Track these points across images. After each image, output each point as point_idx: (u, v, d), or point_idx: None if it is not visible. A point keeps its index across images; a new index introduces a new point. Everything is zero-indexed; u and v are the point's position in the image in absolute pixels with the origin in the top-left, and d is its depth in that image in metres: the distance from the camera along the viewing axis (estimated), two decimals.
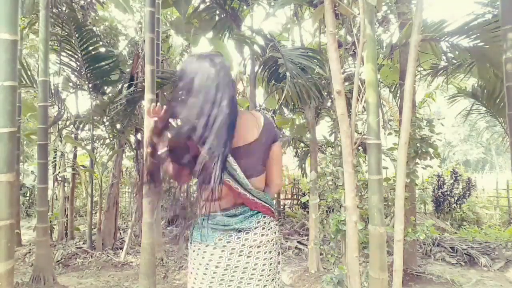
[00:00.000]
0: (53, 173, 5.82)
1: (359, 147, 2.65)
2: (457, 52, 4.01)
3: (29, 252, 4.94)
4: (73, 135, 5.82)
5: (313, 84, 3.50)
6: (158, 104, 1.32)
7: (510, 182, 7.95)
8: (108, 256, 4.94)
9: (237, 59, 6.68)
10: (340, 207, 2.75)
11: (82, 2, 5.44)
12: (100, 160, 5.83)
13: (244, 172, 1.31)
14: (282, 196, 9.29)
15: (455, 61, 4.51)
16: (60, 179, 5.89)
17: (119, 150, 5.58)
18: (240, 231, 1.34)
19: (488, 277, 4.31)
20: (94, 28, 5.50)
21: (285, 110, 6.03)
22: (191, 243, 1.40)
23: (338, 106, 2.05)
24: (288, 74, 3.06)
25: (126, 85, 5.35)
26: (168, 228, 7.10)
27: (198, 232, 1.37)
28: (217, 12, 5.01)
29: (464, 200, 7.60)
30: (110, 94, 5.57)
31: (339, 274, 2.54)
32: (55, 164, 5.75)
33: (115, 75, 5.42)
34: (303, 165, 6.80)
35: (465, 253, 4.90)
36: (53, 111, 5.68)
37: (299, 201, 9.03)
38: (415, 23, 1.99)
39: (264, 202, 1.39)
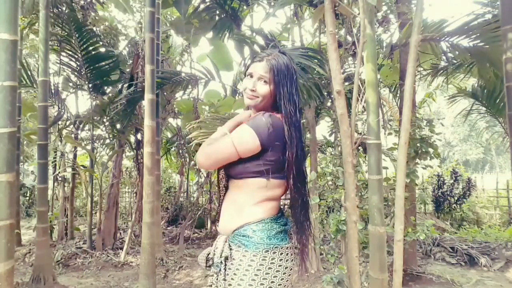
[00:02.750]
0: (53, 173, 5.83)
1: (359, 147, 2.65)
2: (457, 52, 4.01)
3: (29, 252, 4.94)
4: (73, 135, 5.82)
5: (313, 84, 3.50)
6: None
7: (510, 182, 7.95)
8: (108, 256, 4.95)
9: (237, 59, 6.68)
10: (340, 207, 2.75)
11: (82, 2, 5.44)
12: (100, 160, 5.83)
13: None
14: (282, 196, 9.28)
15: (455, 61, 4.50)
16: (60, 179, 5.89)
17: (119, 150, 5.58)
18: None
19: (488, 277, 4.31)
20: (94, 28, 5.50)
21: None
22: (270, 249, 1.24)
23: (338, 106, 2.05)
24: None
25: (126, 85, 5.36)
26: (168, 228, 7.11)
27: (281, 235, 1.28)
28: (217, 12, 5.02)
29: (464, 200, 7.59)
30: (110, 94, 5.57)
31: (339, 274, 2.54)
32: (55, 164, 5.75)
33: (115, 75, 5.42)
34: None
35: (465, 253, 4.90)
36: (53, 111, 5.68)
37: None
38: (415, 23, 2.00)
39: None
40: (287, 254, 1.28)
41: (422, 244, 5.29)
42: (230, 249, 1.29)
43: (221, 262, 1.29)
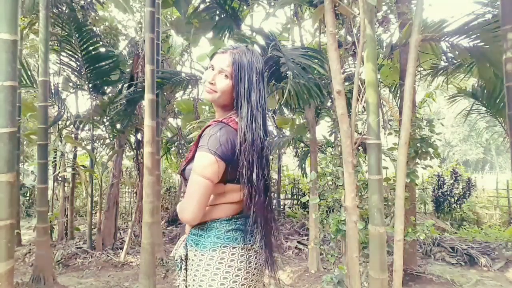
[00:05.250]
0: (53, 173, 5.83)
1: (359, 147, 2.65)
2: (457, 52, 4.01)
3: (29, 252, 4.94)
4: (73, 135, 5.82)
5: (314, 84, 3.50)
6: None
7: (510, 182, 7.95)
8: (108, 256, 4.95)
9: None
10: (340, 207, 2.75)
11: (82, 2, 5.45)
12: (100, 160, 5.83)
13: None
14: (282, 196, 9.31)
15: (455, 61, 4.51)
16: (60, 179, 5.89)
17: (119, 150, 5.58)
18: None
19: (488, 277, 4.31)
20: (94, 28, 5.50)
21: (285, 110, 6.04)
22: (217, 248, 1.19)
23: (338, 106, 2.06)
24: (290, 73, 3.05)
25: (126, 85, 5.36)
26: (168, 228, 7.11)
27: (232, 234, 1.21)
28: (217, 12, 5.01)
29: (464, 200, 7.60)
30: (110, 94, 5.58)
31: (339, 274, 2.54)
32: (55, 164, 5.75)
33: (115, 75, 5.43)
34: (303, 165, 6.80)
35: (465, 253, 4.90)
36: (53, 111, 5.68)
37: (299, 201, 9.03)
38: (415, 23, 2.00)
39: None
40: (240, 254, 1.20)
41: (422, 244, 5.29)
42: (186, 249, 1.27)
43: (180, 261, 1.26)
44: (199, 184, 1.14)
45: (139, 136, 5.60)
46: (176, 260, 1.29)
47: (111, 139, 5.61)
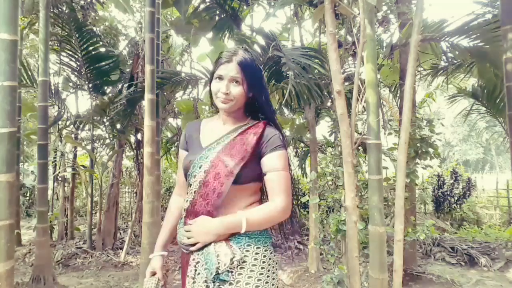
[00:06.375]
0: (53, 173, 5.83)
1: (359, 147, 2.65)
2: (457, 52, 4.01)
3: (29, 252, 4.94)
4: (73, 135, 5.82)
5: (315, 84, 3.50)
6: None
7: (510, 182, 7.95)
8: (108, 256, 4.95)
9: None
10: (340, 207, 2.75)
11: (82, 2, 5.45)
12: (100, 160, 5.83)
13: None
14: None
15: (455, 61, 4.51)
16: (60, 179, 5.89)
17: (119, 150, 5.58)
18: None
19: (488, 277, 4.31)
20: (94, 28, 5.50)
21: (285, 110, 6.04)
22: (271, 241, 1.34)
23: (338, 106, 2.05)
24: (291, 73, 3.05)
25: (126, 85, 5.36)
26: None
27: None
28: (217, 12, 5.02)
29: (464, 200, 7.60)
30: (110, 94, 5.57)
31: (339, 274, 2.54)
32: (55, 164, 5.75)
33: (115, 75, 5.42)
34: (303, 165, 6.79)
35: (465, 253, 4.90)
36: (53, 111, 5.68)
37: (299, 201, 9.02)
38: (415, 23, 2.00)
39: None
40: (274, 249, 1.37)
41: (422, 244, 5.28)
42: (237, 252, 1.21)
43: (228, 270, 1.18)
44: (288, 179, 1.29)
45: (139, 136, 5.60)
46: (224, 270, 1.18)
47: (111, 139, 5.61)
